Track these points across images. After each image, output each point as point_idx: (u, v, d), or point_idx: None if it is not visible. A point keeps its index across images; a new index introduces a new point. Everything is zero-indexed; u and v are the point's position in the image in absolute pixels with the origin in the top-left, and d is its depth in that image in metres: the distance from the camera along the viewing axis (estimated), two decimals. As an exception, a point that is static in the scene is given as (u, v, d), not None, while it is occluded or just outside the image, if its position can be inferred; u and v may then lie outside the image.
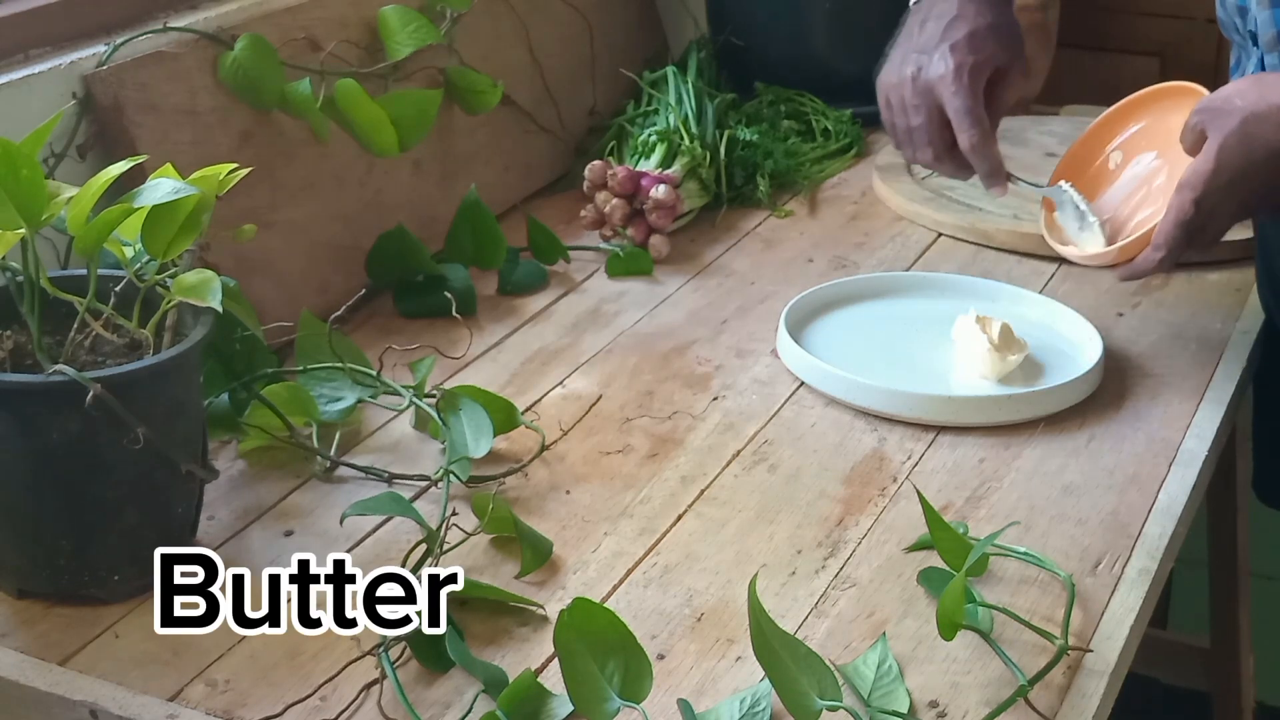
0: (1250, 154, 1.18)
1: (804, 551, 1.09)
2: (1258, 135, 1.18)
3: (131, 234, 1.03)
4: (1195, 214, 1.20)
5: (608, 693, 0.90)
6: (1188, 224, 1.21)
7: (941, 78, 1.33)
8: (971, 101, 1.33)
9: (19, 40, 1.27)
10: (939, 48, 1.34)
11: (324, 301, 1.36)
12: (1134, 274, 1.28)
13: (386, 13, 1.47)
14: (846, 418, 1.26)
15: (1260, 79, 1.22)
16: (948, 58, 1.33)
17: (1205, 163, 1.20)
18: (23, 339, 1.04)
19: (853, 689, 0.95)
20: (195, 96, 1.31)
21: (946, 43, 1.33)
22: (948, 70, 1.32)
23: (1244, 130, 1.18)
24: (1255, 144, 1.18)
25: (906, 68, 1.35)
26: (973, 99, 1.33)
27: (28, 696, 0.96)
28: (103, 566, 1.02)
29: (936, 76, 1.33)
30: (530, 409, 1.27)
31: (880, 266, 1.53)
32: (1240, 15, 1.33)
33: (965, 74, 1.32)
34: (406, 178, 1.52)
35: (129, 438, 0.97)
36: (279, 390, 1.19)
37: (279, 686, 0.96)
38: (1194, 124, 1.22)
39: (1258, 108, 1.18)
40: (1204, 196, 1.20)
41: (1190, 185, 1.20)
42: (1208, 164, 1.19)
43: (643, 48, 1.91)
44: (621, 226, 1.56)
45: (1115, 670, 0.98)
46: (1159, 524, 1.12)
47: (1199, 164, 1.20)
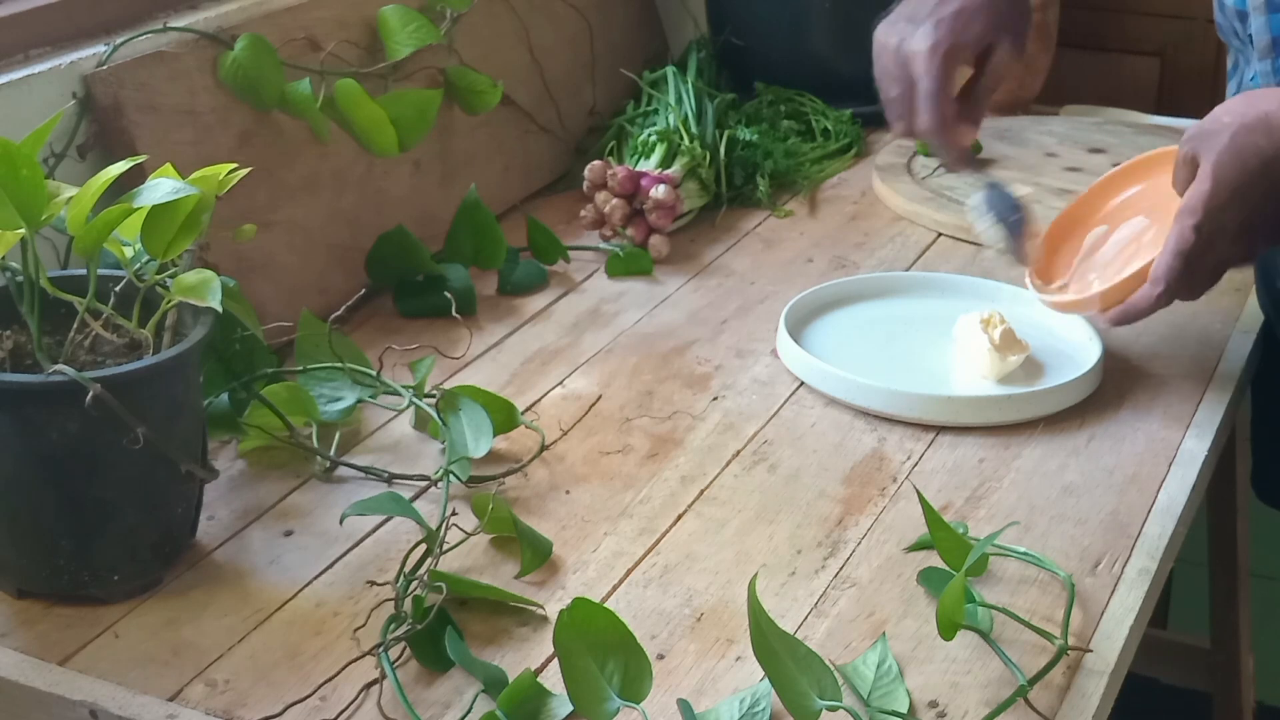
0: (1245, 165, 1.15)
1: (804, 551, 1.09)
2: (1249, 144, 1.15)
3: (131, 234, 1.03)
4: (1196, 241, 1.17)
5: (607, 693, 0.90)
6: (1188, 253, 1.17)
7: (916, 54, 1.30)
8: (936, 86, 1.29)
9: (19, 40, 1.27)
10: (926, 20, 1.30)
11: (324, 301, 1.36)
12: (1130, 314, 1.23)
13: (386, 13, 1.47)
14: (846, 418, 1.26)
15: (1247, 95, 1.20)
16: (929, 34, 1.29)
17: (1201, 184, 1.16)
18: (23, 339, 1.04)
19: (852, 689, 0.95)
20: (195, 96, 1.31)
21: (934, 18, 1.30)
22: (924, 48, 1.29)
23: (1235, 143, 1.16)
24: (1248, 154, 1.15)
25: (893, 35, 1.32)
26: (938, 83, 1.29)
27: (28, 696, 0.96)
28: (103, 566, 1.02)
29: (913, 52, 1.30)
30: (530, 409, 1.27)
31: (880, 266, 1.53)
32: (1240, 20, 1.33)
33: (939, 55, 1.29)
34: (406, 178, 1.52)
35: (129, 438, 0.97)
36: (279, 390, 1.19)
37: (279, 686, 0.96)
38: (1185, 154, 1.19)
39: (1246, 118, 1.16)
40: (1204, 220, 1.16)
41: (1189, 210, 1.17)
42: (1204, 184, 1.16)
43: (643, 48, 1.91)
44: (621, 226, 1.56)
45: (1115, 670, 0.98)
46: (1159, 524, 1.12)
47: (1195, 187, 1.17)
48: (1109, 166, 1.68)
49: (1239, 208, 1.16)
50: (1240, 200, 1.16)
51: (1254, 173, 1.15)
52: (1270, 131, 1.15)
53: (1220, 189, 1.16)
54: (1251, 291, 1.44)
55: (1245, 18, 1.31)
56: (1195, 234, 1.17)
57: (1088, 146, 1.74)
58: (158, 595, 1.04)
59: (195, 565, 1.08)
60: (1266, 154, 1.15)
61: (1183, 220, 1.17)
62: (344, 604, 1.03)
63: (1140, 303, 1.22)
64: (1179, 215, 1.18)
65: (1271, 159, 1.15)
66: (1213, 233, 1.17)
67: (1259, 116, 1.15)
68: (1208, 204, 1.16)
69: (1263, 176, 1.16)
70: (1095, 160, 1.71)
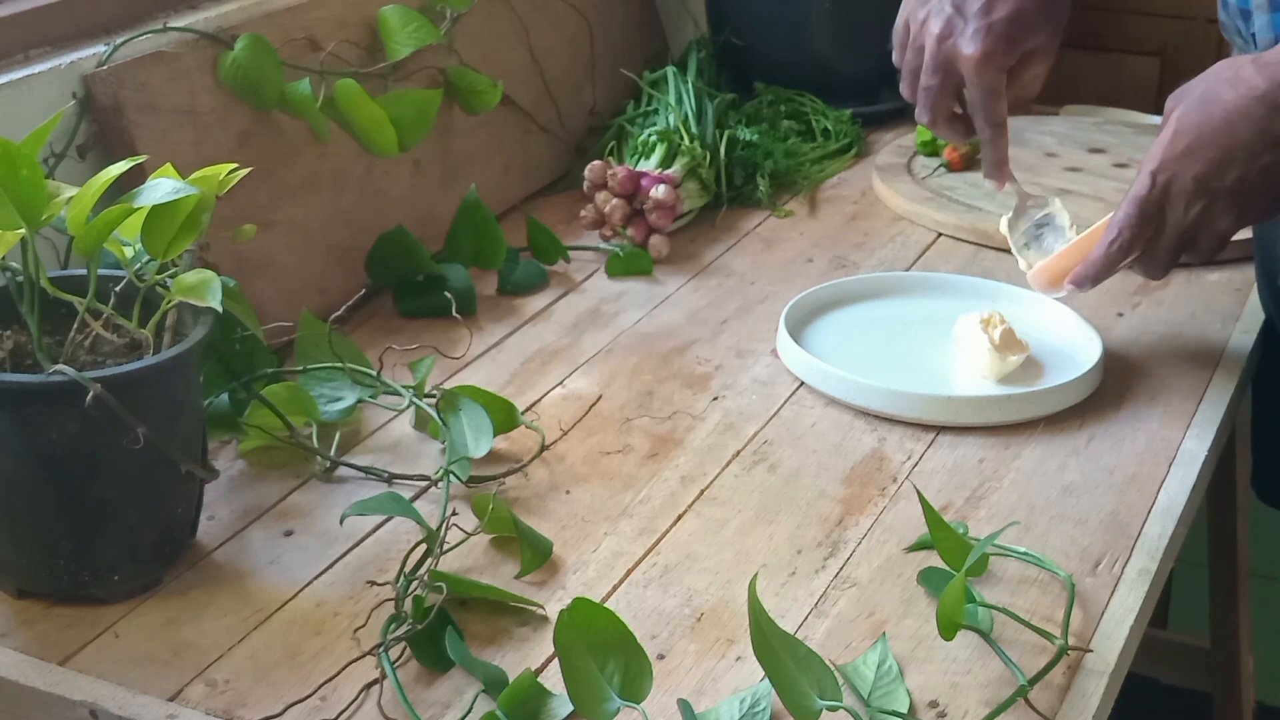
0: (1207, 115, 1.14)
1: (804, 551, 1.09)
2: (1215, 96, 1.14)
3: (131, 234, 1.03)
4: (1151, 187, 1.15)
5: (608, 693, 0.90)
6: (1143, 200, 1.16)
7: (967, 58, 1.27)
8: (992, 98, 1.27)
9: (19, 40, 1.27)
10: (976, 20, 1.26)
11: (324, 301, 1.36)
12: (1089, 271, 1.21)
13: (386, 13, 1.47)
14: (846, 418, 1.26)
15: (1229, 59, 1.19)
16: (981, 38, 1.26)
17: (1164, 132, 1.16)
18: (23, 339, 1.04)
19: (853, 689, 0.95)
20: (195, 96, 1.31)
21: (985, 20, 1.26)
22: (977, 52, 1.26)
23: (1202, 95, 1.15)
24: (1212, 106, 1.14)
25: (935, 20, 1.28)
26: (994, 94, 1.27)
27: (28, 696, 0.96)
28: (103, 566, 1.02)
29: (963, 54, 1.27)
30: (530, 409, 1.27)
31: (880, 266, 1.53)
32: (1243, 19, 1.32)
33: (994, 63, 1.26)
34: (406, 178, 1.52)
35: (129, 438, 0.97)
36: (279, 390, 1.19)
37: (279, 686, 0.96)
38: (1165, 111, 1.19)
39: (1219, 75, 1.15)
40: (1160, 167, 1.15)
41: (1149, 158, 1.15)
42: (1166, 132, 1.15)
43: (643, 48, 1.91)
44: (621, 226, 1.56)
45: (1115, 670, 0.98)
46: (1159, 524, 1.12)
47: (1158, 138, 1.16)
48: (1109, 166, 1.69)
49: (1196, 159, 1.15)
50: (1198, 151, 1.15)
51: (1215, 123, 1.14)
52: (1237, 84, 1.15)
53: (1179, 137, 1.15)
54: (1252, 291, 1.44)
55: (1248, 16, 1.31)
56: (1150, 179, 1.16)
57: (1088, 146, 1.74)
58: (158, 595, 1.04)
59: (195, 565, 1.08)
60: (1229, 105, 1.14)
61: (1142, 168, 1.17)
62: (344, 604, 1.03)
63: (1097, 256, 1.20)
64: (1140, 165, 1.17)
65: (1233, 110, 1.14)
66: (1169, 181, 1.16)
67: (1232, 72, 1.15)
68: (1165, 151, 1.16)
69: (1224, 130, 1.14)
70: (1095, 160, 1.71)
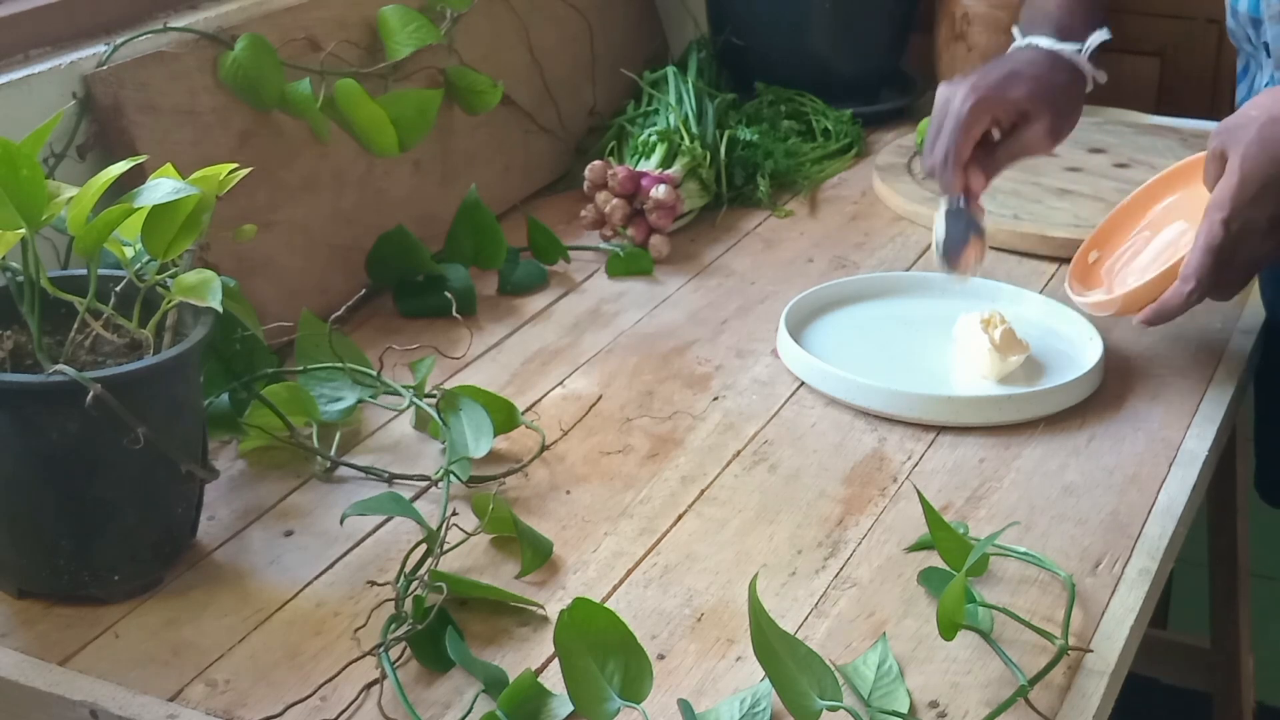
0: (1273, 158, 1.15)
1: (804, 551, 1.09)
2: (1276, 137, 1.15)
3: (131, 234, 1.03)
4: (1225, 236, 1.16)
5: (608, 693, 0.90)
6: (1218, 249, 1.16)
7: (954, 111, 1.32)
8: (957, 124, 1.31)
9: (19, 40, 1.27)
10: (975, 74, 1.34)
11: (324, 301, 1.36)
12: (1162, 313, 1.22)
13: (386, 13, 1.47)
14: (846, 418, 1.26)
15: (1274, 90, 1.19)
16: (973, 94, 1.32)
17: (1229, 178, 1.16)
18: (23, 339, 1.04)
19: (853, 689, 0.95)
20: (195, 96, 1.31)
21: (983, 80, 1.33)
22: (962, 105, 1.31)
23: (1262, 136, 1.15)
24: (1275, 147, 1.15)
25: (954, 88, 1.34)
26: (961, 121, 1.31)
27: (28, 696, 0.96)
28: (103, 566, 1.02)
29: (953, 108, 1.32)
30: (530, 409, 1.27)
31: (880, 266, 1.53)
32: (1253, 27, 1.32)
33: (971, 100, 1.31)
34: (406, 178, 1.52)
35: (129, 438, 0.97)
36: (279, 390, 1.19)
37: (279, 686, 0.96)
38: (1214, 149, 1.19)
39: (1273, 112, 1.15)
40: (1232, 215, 1.16)
41: (1217, 205, 1.16)
42: (1232, 178, 1.16)
43: (643, 48, 1.91)
44: (621, 226, 1.56)
45: (1115, 670, 0.98)
46: (1159, 524, 1.12)
47: (1223, 182, 1.16)
48: (1109, 166, 1.69)
49: (1268, 202, 1.16)
50: (1269, 194, 1.15)
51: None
52: None
53: (1248, 183, 1.15)
54: (1252, 291, 1.44)
55: (1259, 25, 1.30)
56: (1224, 229, 1.16)
57: (1088, 146, 1.74)
58: (158, 595, 1.04)
59: (195, 565, 1.08)
60: None
61: (1211, 215, 1.17)
62: (344, 604, 1.03)
63: (1172, 300, 1.21)
64: (1208, 210, 1.17)
65: None
66: (1242, 227, 1.16)
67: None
68: (1235, 198, 1.16)
69: None
70: (1095, 160, 1.70)
